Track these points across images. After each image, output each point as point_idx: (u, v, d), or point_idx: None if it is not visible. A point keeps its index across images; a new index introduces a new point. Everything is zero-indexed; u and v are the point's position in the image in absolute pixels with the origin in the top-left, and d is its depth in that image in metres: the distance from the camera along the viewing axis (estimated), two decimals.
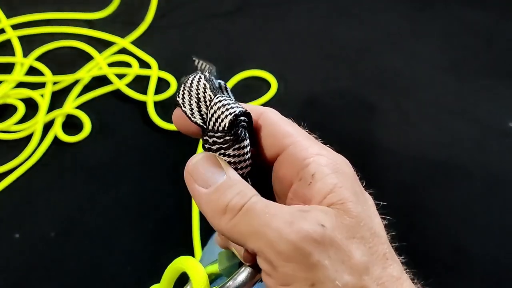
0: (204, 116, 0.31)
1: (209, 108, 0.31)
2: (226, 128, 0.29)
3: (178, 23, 1.25)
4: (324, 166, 0.28)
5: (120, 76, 1.11)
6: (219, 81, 0.34)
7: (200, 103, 0.32)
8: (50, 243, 0.87)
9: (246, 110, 0.30)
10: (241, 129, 0.30)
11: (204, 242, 0.86)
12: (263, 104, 1.07)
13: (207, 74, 0.33)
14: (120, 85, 1.09)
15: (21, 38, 1.18)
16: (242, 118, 0.30)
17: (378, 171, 0.95)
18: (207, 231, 0.87)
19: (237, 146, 0.30)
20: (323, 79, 1.13)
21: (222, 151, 0.30)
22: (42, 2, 1.24)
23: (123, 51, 1.17)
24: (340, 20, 1.26)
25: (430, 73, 1.15)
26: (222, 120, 0.30)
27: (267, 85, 1.10)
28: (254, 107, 0.32)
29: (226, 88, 0.34)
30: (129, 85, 1.10)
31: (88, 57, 1.15)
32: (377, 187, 0.32)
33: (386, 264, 0.27)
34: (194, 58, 0.35)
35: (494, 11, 1.27)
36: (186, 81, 0.32)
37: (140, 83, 1.11)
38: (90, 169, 0.98)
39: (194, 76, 0.32)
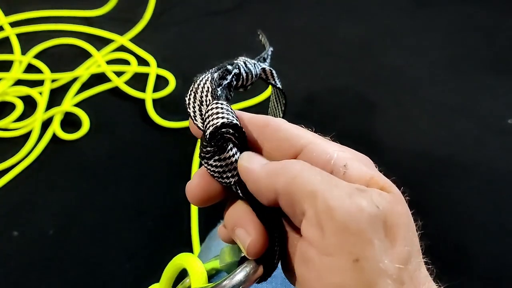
0: (204, 120, 0.31)
1: (206, 113, 0.31)
2: (207, 139, 0.29)
3: (177, 20, 1.24)
4: (351, 159, 0.28)
5: (119, 74, 1.11)
6: (263, 66, 0.34)
7: (201, 106, 0.31)
8: (48, 240, 0.87)
9: (232, 122, 0.29)
10: (223, 140, 0.30)
11: (202, 240, 0.86)
12: (263, 101, 1.07)
13: (216, 75, 0.32)
14: (119, 82, 1.09)
15: (19, 36, 1.18)
16: (225, 130, 0.29)
17: (378, 168, 0.95)
18: (205, 228, 0.87)
19: (217, 157, 0.30)
20: (323, 76, 1.13)
21: (206, 160, 0.30)
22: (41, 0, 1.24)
23: (122, 48, 1.17)
24: (340, 17, 1.26)
25: (430, 70, 1.14)
26: (208, 129, 0.30)
27: (266, 82, 1.10)
28: (262, 116, 0.32)
29: (272, 73, 0.33)
30: (127, 83, 1.10)
31: (86, 55, 1.15)
32: None
33: (418, 259, 0.27)
34: (259, 33, 0.35)
35: (494, 7, 1.27)
36: (196, 81, 0.32)
37: (138, 81, 1.11)
38: (89, 166, 0.98)
39: (203, 77, 0.32)
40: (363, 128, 1.04)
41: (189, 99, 0.32)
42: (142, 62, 1.14)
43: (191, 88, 0.32)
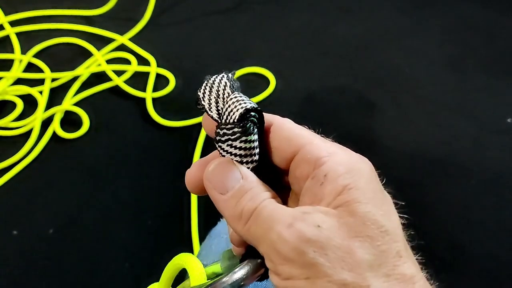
0: (220, 111, 0.33)
1: (225, 103, 0.32)
2: (236, 120, 0.31)
3: (177, 20, 1.24)
4: (339, 165, 0.29)
5: (119, 73, 1.11)
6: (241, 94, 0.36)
7: (218, 99, 0.33)
8: (48, 239, 0.87)
9: (258, 108, 0.31)
10: (250, 123, 0.31)
11: (202, 239, 0.86)
12: (261, 101, 1.07)
13: (230, 75, 0.34)
14: (119, 81, 1.09)
15: (19, 35, 1.18)
16: (253, 113, 0.31)
17: (376, 167, 0.95)
18: (205, 227, 0.88)
19: (244, 138, 0.31)
20: (321, 76, 1.13)
21: (230, 142, 0.31)
22: None
23: (122, 47, 1.17)
24: (339, 17, 1.26)
25: (429, 69, 1.15)
26: (234, 113, 0.31)
27: (266, 81, 1.10)
28: (269, 115, 0.33)
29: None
30: (127, 82, 1.10)
31: (87, 54, 1.15)
32: None
33: (398, 262, 0.27)
34: (225, 73, 0.36)
35: (493, 7, 1.27)
36: (210, 78, 0.34)
37: (138, 80, 1.11)
38: (89, 165, 0.98)
39: (218, 75, 0.34)
40: (362, 127, 1.04)
41: (204, 92, 0.33)
42: (142, 61, 1.14)
43: (205, 83, 0.34)
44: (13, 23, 1.20)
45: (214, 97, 0.33)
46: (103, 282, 0.83)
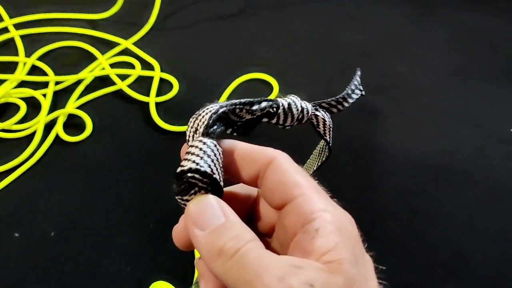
0: None
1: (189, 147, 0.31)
2: (175, 177, 0.30)
3: (181, 25, 1.25)
4: (329, 223, 0.29)
5: (123, 77, 1.11)
6: (317, 113, 0.34)
7: (195, 134, 0.32)
8: (50, 242, 0.87)
9: (200, 169, 0.29)
10: (187, 184, 0.30)
11: None
12: None
13: (218, 107, 0.32)
14: (123, 85, 1.09)
15: (24, 38, 1.18)
16: (191, 175, 0.30)
17: (379, 175, 0.95)
18: None
19: (185, 197, 0.30)
20: (325, 83, 1.13)
21: (178, 195, 0.31)
22: (46, 2, 1.25)
23: (126, 52, 1.17)
24: (343, 24, 1.26)
25: (433, 78, 1.15)
26: (182, 166, 0.30)
27: (269, 88, 1.10)
28: (267, 151, 0.33)
29: (324, 122, 0.34)
30: (131, 86, 1.10)
31: (91, 58, 1.15)
32: (378, 191, 0.31)
33: None
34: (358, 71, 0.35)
35: (499, 17, 1.27)
36: (202, 107, 0.33)
37: (142, 84, 1.11)
38: (91, 169, 0.98)
39: (210, 107, 0.33)
40: (366, 134, 1.04)
41: (190, 121, 0.33)
42: (146, 65, 1.14)
43: (195, 113, 0.33)
44: (17, 26, 1.20)
45: (194, 131, 0.32)
46: (104, 286, 0.83)
